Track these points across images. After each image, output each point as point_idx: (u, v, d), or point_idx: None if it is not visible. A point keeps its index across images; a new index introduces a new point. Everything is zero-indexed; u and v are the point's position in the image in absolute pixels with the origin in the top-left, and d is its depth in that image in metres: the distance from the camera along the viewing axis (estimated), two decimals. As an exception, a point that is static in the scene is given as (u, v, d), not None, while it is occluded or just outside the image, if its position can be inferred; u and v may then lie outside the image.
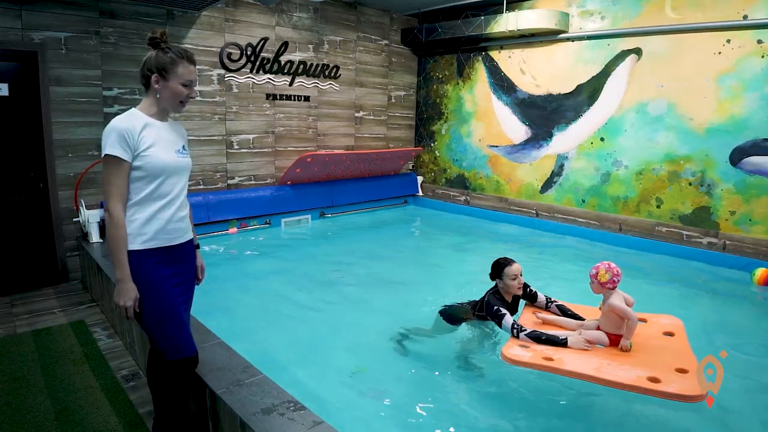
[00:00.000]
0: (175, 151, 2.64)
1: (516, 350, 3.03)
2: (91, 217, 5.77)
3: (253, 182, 7.82)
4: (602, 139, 7.68)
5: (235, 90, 7.42)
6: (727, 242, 6.75)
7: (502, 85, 8.69)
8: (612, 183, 7.67)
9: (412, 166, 10.42)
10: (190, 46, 6.79)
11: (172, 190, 2.62)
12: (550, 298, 3.80)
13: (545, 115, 8.23)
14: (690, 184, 7.00)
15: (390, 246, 7.32)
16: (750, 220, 6.59)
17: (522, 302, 3.90)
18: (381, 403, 3.34)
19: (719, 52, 6.67)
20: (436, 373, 3.69)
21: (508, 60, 8.57)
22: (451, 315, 4.05)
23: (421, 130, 10.12)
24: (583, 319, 3.47)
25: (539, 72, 8.22)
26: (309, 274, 5.97)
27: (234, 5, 7.18)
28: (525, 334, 3.19)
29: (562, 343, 3.10)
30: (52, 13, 5.61)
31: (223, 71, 7.24)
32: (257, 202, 7.53)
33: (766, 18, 6.33)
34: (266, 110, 7.81)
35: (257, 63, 7.57)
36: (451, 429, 3.06)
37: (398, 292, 5.49)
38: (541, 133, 8.33)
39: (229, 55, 7.22)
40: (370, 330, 4.43)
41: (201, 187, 7.25)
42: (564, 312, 3.66)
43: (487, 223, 8.60)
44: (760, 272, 5.82)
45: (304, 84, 8.21)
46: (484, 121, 9.05)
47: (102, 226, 5.86)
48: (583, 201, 8.02)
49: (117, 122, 2.47)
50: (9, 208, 5.65)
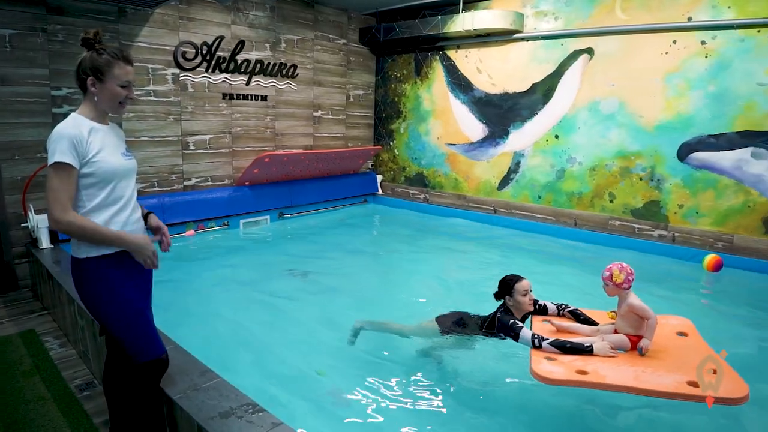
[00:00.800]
0: (120, 154, 2.56)
1: (546, 366, 2.77)
2: (40, 222, 5.47)
3: (210, 183, 7.62)
4: (557, 137, 7.78)
5: (191, 89, 7.21)
6: (676, 234, 6.93)
7: (459, 84, 8.72)
8: (567, 179, 7.79)
9: (372, 165, 10.37)
10: (144, 45, 6.56)
11: (125, 194, 2.55)
12: (561, 305, 3.60)
13: (501, 113, 8.29)
14: (641, 179, 7.15)
15: (349, 245, 7.22)
16: (697, 212, 6.78)
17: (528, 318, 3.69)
18: (343, 404, 3.27)
19: (666, 53, 6.83)
20: (404, 373, 3.63)
21: (464, 59, 8.60)
22: (452, 327, 3.75)
23: (380, 128, 10.08)
24: (597, 324, 3.32)
25: (495, 71, 8.27)
26: (268, 275, 5.84)
27: (188, 3, 6.96)
28: (548, 343, 2.95)
29: (588, 351, 2.91)
30: (-5, 9, 5.34)
31: (177, 70, 7.01)
32: (215, 203, 7.33)
33: (708, 20, 6.51)
34: (223, 110, 7.62)
35: (213, 62, 7.37)
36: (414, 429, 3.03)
37: (358, 290, 5.42)
38: (497, 131, 8.39)
39: (183, 54, 7.01)
40: (331, 330, 4.34)
41: (156, 189, 7.01)
42: (577, 317, 3.47)
43: (447, 220, 8.60)
44: (708, 258, 6.01)
45: (261, 83, 8.05)
46: (442, 119, 9.07)
47: (53, 232, 5.61)
48: (540, 197, 8.11)
49: (65, 128, 2.34)
50: (-47, 213, 5.35)
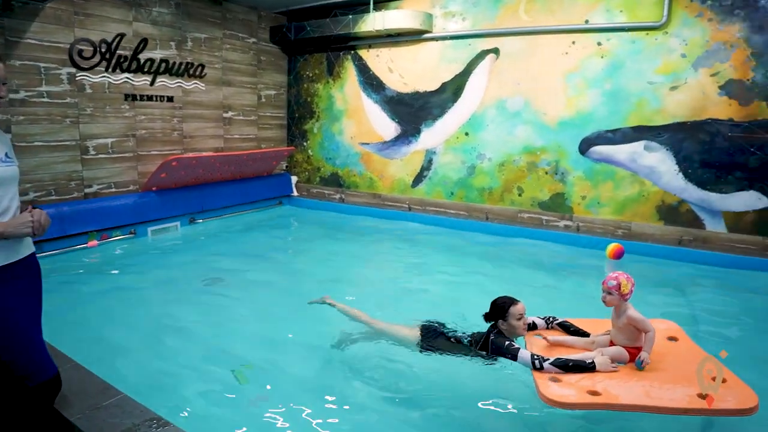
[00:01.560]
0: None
1: (556, 389, 2.63)
2: None
3: (113, 190, 7.08)
4: (467, 134, 7.90)
5: (89, 90, 6.68)
6: (580, 224, 7.20)
7: (371, 83, 8.68)
8: (477, 175, 7.91)
9: (286, 166, 10.13)
10: (34, 42, 5.99)
11: (1, 203, 2.29)
12: (548, 318, 3.48)
13: (413, 112, 8.32)
14: (546, 173, 7.38)
15: (265, 248, 6.88)
16: (598, 203, 7.08)
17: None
18: (260, 414, 3.06)
19: (566, 53, 7.09)
20: (355, 383, 3.45)
21: (376, 59, 8.57)
22: (434, 345, 3.49)
23: (293, 129, 9.86)
24: (588, 335, 3.22)
25: (406, 70, 8.30)
26: (179, 284, 5.42)
27: (84, -4, 6.48)
28: (550, 363, 2.81)
29: (590, 368, 2.79)
30: None
31: (73, 70, 6.47)
32: (119, 210, 6.81)
33: (604, 23, 6.83)
34: (125, 112, 7.12)
35: (113, 61, 6.86)
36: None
37: (274, 295, 5.15)
38: (409, 130, 8.42)
39: (80, 52, 6.48)
40: (250, 337, 4.09)
41: (54, 197, 6.42)
42: (567, 329, 3.36)
43: (363, 219, 8.51)
44: (610, 247, 6.26)
45: (166, 84, 7.62)
46: (355, 119, 8.99)
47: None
48: (452, 193, 8.20)
49: None
50: None
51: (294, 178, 9.85)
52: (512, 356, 3.03)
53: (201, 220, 7.99)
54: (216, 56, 8.31)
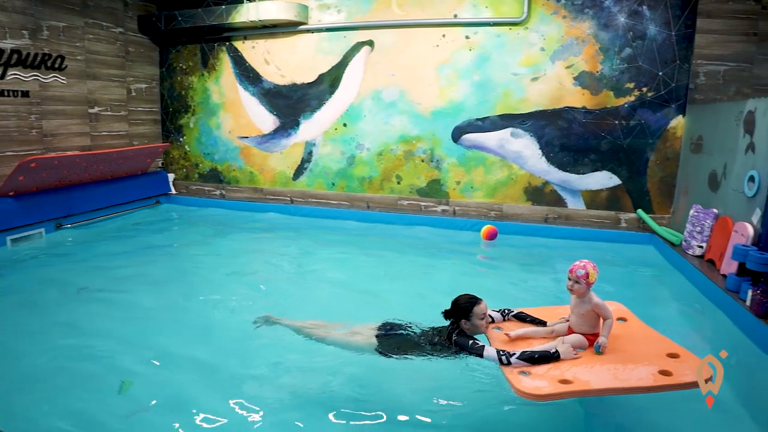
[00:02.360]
0: None
1: (529, 382, 2.60)
2: None
3: (-38, 195, 6.22)
4: (345, 125, 7.86)
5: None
6: (456, 208, 7.40)
7: (247, 75, 8.39)
8: (357, 165, 7.89)
9: (162, 164, 9.53)
10: None
11: None
12: (504, 310, 3.41)
13: (291, 104, 8.15)
14: (423, 161, 7.51)
15: (142, 252, 6.20)
16: (472, 187, 7.31)
17: None
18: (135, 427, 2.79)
19: (437, 45, 7.27)
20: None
21: (252, 50, 8.30)
22: (395, 349, 3.25)
23: (168, 124, 9.30)
24: (545, 323, 3.22)
25: (283, 62, 8.11)
26: (47, 296, 4.71)
27: None
28: (516, 358, 2.76)
29: (555, 357, 2.78)
30: None
31: None
32: (-30, 220, 5.95)
33: (471, 18, 7.08)
34: (-29, 108, 6.30)
35: (-47, 51, 6.04)
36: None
37: (155, 301, 4.60)
38: (288, 122, 8.23)
39: None
40: (131, 348, 3.64)
41: None
42: (523, 319, 3.33)
43: (245, 214, 8.17)
44: (484, 229, 6.47)
45: (20, 77, 6.80)
46: (233, 112, 8.65)
47: None
48: (333, 184, 8.11)
49: None
50: None
51: (171, 176, 9.28)
52: (479, 353, 2.92)
53: (69, 225, 7.10)
54: (77, 47, 7.60)
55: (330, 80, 7.84)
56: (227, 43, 8.47)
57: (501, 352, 2.79)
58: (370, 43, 7.56)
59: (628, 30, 6.70)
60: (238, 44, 8.38)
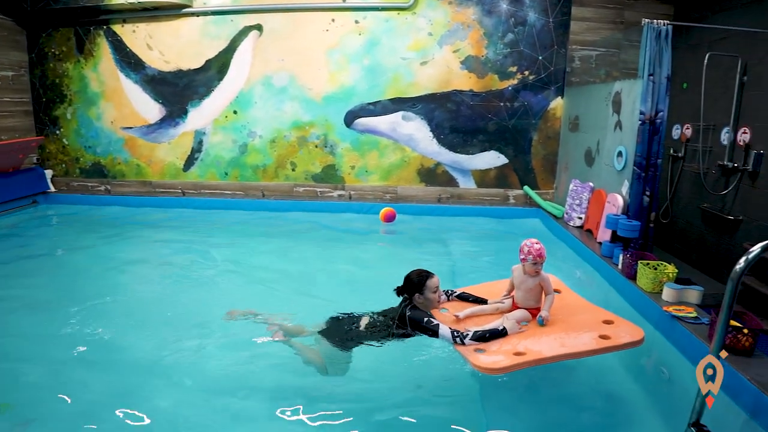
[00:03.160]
0: None
1: (486, 358, 2.70)
2: None
3: None
4: (235, 112, 7.54)
5: None
6: (352, 192, 7.33)
7: (129, 61, 7.82)
8: (250, 153, 7.60)
9: (37, 159, 8.68)
10: None
11: None
12: (448, 291, 3.46)
13: (178, 91, 7.69)
14: (316, 147, 7.36)
15: (20, 260, 5.35)
16: (366, 171, 7.25)
17: None
18: None
19: (327, 30, 7.13)
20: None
21: (132, 35, 7.72)
22: (353, 338, 3.12)
23: (42, 116, 8.47)
24: (486, 301, 3.33)
25: (167, 47, 7.62)
26: None
27: None
28: (470, 339, 2.84)
29: (503, 333, 2.89)
30: None
31: None
32: None
33: (359, 2, 7.00)
34: None
35: None
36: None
37: (38, 314, 3.96)
38: (175, 111, 7.77)
39: None
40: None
41: None
42: (466, 299, 3.43)
43: (134, 210, 7.59)
44: (382, 211, 6.43)
45: None
46: (114, 101, 8.02)
47: None
48: (226, 174, 7.76)
49: None
50: None
51: (49, 172, 8.48)
52: (432, 332, 2.93)
53: None
54: (-72, 28, 6.75)
55: (218, 66, 7.48)
56: (105, 27, 7.82)
57: (455, 333, 2.87)
58: (259, 28, 7.28)
59: (510, 16, 6.89)
60: (117, 28, 7.77)
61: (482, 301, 3.38)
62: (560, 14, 6.83)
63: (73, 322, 3.71)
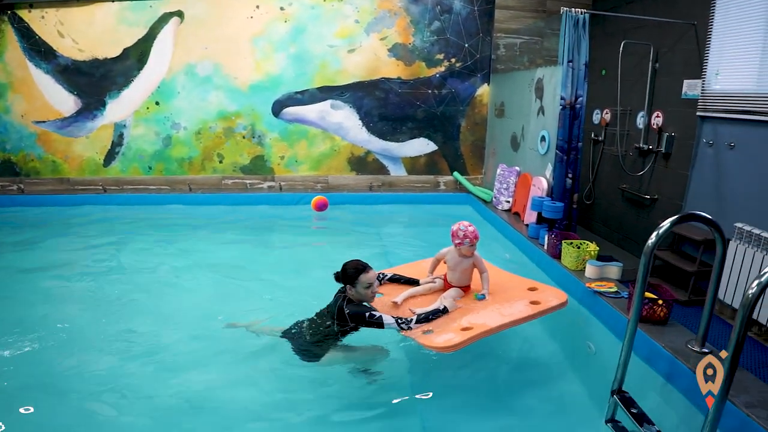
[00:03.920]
0: None
1: (437, 338, 2.72)
2: None
3: None
4: (157, 103, 7.15)
5: None
6: (282, 183, 7.12)
7: (38, 50, 7.25)
8: (175, 146, 7.24)
9: (-60, 158, 7.98)
10: None
11: None
12: (379, 275, 3.37)
13: (94, 81, 7.21)
14: (244, 137, 7.10)
15: None
16: (296, 161, 7.07)
17: None
18: None
19: (251, 17, 6.87)
20: None
21: (41, 21, 7.16)
22: (315, 350, 2.93)
23: (-57, 110, 7.78)
24: (418, 281, 3.40)
25: (80, 35, 7.12)
26: None
27: None
28: (415, 323, 2.86)
29: (444, 312, 2.98)
30: None
31: None
32: None
33: (284, -11, 6.77)
34: None
35: None
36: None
37: None
38: (93, 102, 7.29)
39: None
40: None
41: None
42: (398, 281, 3.45)
43: (52, 210, 7.02)
44: (314, 201, 6.28)
45: None
46: (24, 93, 7.43)
47: None
48: (150, 168, 7.37)
49: None
50: None
51: (-47, 172, 7.81)
52: (378, 325, 2.85)
53: None
54: None
55: (137, 55, 7.06)
56: (9, 12, 7.20)
57: (399, 320, 2.85)
58: (180, 14, 6.92)
59: (436, 4, 6.86)
60: (23, 13, 7.18)
61: (414, 282, 3.42)
62: (485, 2, 6.85)
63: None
